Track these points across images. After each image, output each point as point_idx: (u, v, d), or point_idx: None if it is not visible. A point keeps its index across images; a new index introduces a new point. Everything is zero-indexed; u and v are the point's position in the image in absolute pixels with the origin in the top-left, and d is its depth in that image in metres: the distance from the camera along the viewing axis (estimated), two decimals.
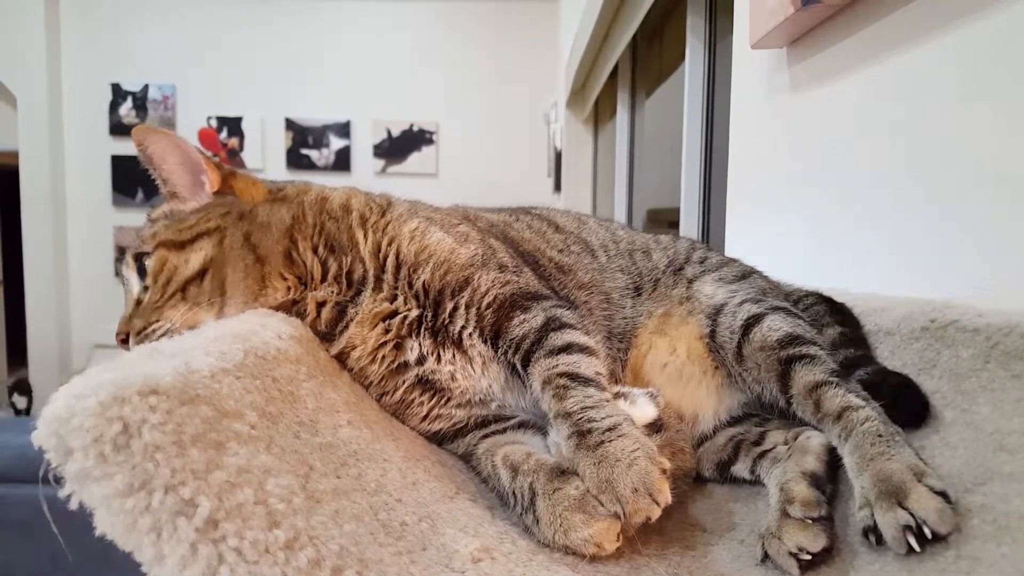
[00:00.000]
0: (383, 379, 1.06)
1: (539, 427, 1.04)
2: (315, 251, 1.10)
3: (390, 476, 0.80)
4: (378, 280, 1.08)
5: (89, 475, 0.51)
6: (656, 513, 0.76)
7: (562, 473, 0.83)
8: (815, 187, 1.44)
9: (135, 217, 6.63)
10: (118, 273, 1.12)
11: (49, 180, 6.57)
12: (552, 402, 0.89)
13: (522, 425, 1.05)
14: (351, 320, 1.05)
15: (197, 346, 0.71)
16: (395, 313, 1.05)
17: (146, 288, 1.05)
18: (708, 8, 2.69)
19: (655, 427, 0.97)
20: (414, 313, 1.05)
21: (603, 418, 0.83)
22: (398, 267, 1.08)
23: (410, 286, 1.07)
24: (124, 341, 1.03)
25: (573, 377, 0.91)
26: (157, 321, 1.01)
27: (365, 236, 1.11)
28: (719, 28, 2.61)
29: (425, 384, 1.06)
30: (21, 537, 2.28)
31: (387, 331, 1.04)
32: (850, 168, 1.30)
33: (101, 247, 6.70)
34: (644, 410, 0.97)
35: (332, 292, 1.07)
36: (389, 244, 1.10)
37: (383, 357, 1.05)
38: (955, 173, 1.01)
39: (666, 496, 0.76)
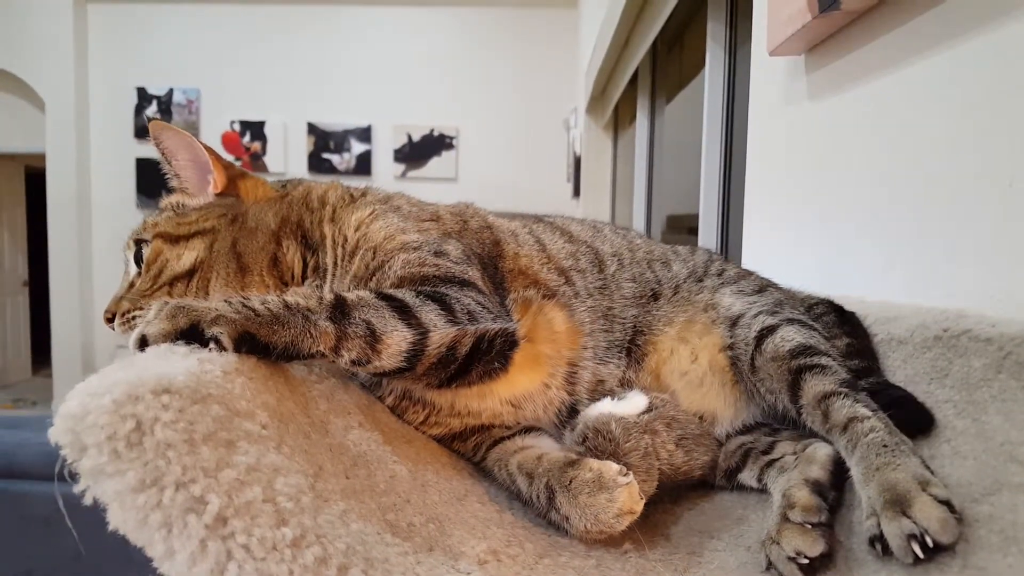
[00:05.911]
0: (372, 384, 1.03)
1: (544, 429, 1.04)
2: (296, 248, 1.09)
3: (400, 478, 0.81)
4: (334, 271, 1.06)
5: (103, 471, 0.52)
6: None
7: (572, 463, 0.85)
8: (832, 195, 1.43)
9: None
10: None
11: (75, 182, 6.70)
12: None
13: (528, 429, 1.04)
14: None
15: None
16: None
17: (139, 273, 1.06)
18: (728, 14, 2.69)
19: (648, 410, 1.01)
20: None
21: None
22: (342, 257, 1.06)
23: (347, 274, 1.03)
24: (110, 320, 1.03)
25: None
26: (141, 309, 0.99)
27: (332, 228, 1.10)
28: (739, 34, 2.60)
29: (412, 398, 1.02)
30: (45, 533, 2.31)
31: None
32: (867, 176, 1.29)
33: None
34: (635, 400, 1.00)
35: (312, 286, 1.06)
36: (340, 233, 1.08)
37: None
38: (971, 182, 1.00)
39: None
